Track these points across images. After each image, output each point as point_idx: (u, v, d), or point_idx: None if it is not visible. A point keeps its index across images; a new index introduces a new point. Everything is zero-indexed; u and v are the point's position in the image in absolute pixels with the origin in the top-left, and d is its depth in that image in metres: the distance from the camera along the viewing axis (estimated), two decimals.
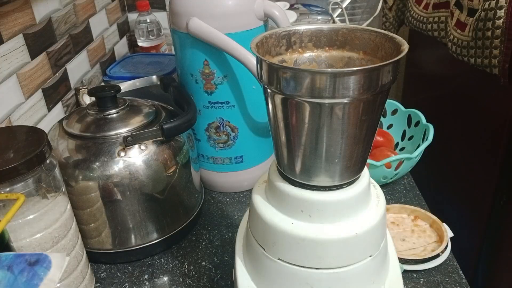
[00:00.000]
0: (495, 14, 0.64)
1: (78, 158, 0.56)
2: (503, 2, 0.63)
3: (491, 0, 0.65)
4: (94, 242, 0.60)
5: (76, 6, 0.87)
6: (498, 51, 0.65)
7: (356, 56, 0.40)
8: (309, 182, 0.39)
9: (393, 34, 0.37)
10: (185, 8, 0.63)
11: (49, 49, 0.76)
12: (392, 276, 0.44)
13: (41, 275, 0.31)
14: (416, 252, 0.61)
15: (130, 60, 0.99)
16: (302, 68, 0.33)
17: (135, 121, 0.60)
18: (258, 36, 0.38)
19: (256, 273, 0.43)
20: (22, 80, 0.67)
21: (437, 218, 0.65)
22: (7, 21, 0.64)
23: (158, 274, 0.61)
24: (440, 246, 0.60)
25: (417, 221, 0.66)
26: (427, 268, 0.58)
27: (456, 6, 0.74)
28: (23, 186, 0.45)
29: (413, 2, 0.91)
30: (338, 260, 0.39)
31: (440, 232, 0.63)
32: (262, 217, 0.41)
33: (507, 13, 0.63)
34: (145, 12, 1.10)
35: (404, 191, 0.75)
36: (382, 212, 0.41)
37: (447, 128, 0.84)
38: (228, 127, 0.70)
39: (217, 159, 0.73)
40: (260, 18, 0.65)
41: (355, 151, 0.37)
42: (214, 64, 0.65)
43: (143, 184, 0.58)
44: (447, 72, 0.87)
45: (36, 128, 0.50)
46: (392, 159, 0.69)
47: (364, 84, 0.32)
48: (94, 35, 0.96)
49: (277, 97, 0.36)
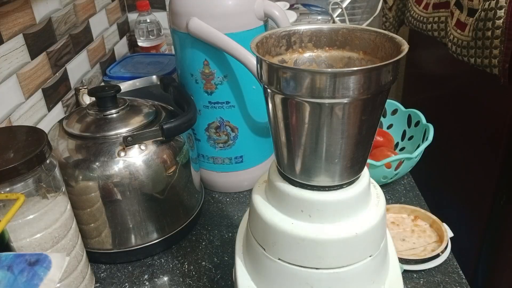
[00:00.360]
0: (495, 14, 0.64)
1: (78, 158, 0.56)
2: (503, 2, 0.63)
3: (491, 0, 0.65)
4: (94, 242, 0.60)
5: (76, 6, 0.87)
6: (498, 51, 0.65)
7: (356, 56, 0.40)
8: (309, 182, 0.39)
9: (393, 34, 0.37)
10: (185, 8, 0.63)
11: (49, 49, 0.76)
12: (392, 276, 0.44)
13: (41, 275, 0.31)
14: (416, 252, 0.61)
15: (130, 60, 0.99)
16: (302, 68, 0.33)
17: (135, 121, 0.60)
18: (258, 36, 0.38)
19: (256, 273, 0.43)
20: (22, 80, 0.67)
21: (437, 218, 0.65)
22: (7, 21, 0.64)
23: (158, 274, 0.61)
24: (440, 246, 0.60)
25: (417, 221, 0.66)
26: (427, 268, 0.58)
27: (456, 6, 0.74)
28: (23, 186, 0.45)
29: (413, 2, 0.91)
30: (338, 260, 0.39)
31: (440, 232, 0.63)
32: (262, 217, 0.41)
33: (507, 13, 0.63)
34: (145, 12, 1.10)
35: (404, 191, 0.75)
36: (382, 212, 0.41)
37: (447, 128, 0.84)
38: (228, 127, 0.70)
39: (217, 159, 0.73)
40: (260, 18, 0.65)
41: (355, 151, 0.37)
42: (214, 64, 0.65)
43: (143, 184, 0.58)
44: (447, 72, 0.87)
45: (36, 128, 0.50)
46: (392, 159, 0.69)
47: (364, 84, 0.32)
48: (94, 35, 0.96)
49: (277, 97, 0.36)
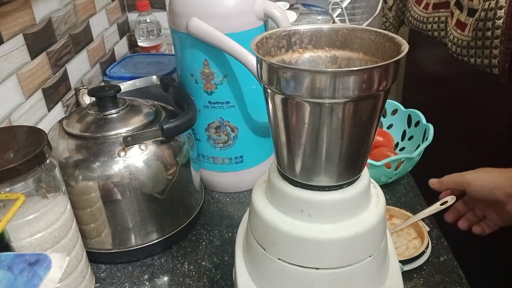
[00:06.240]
0: (495, 14, 0.64)
1: (78, 158, 0.56)
2: (503, 2, 0.63)
3: (491, 0, 0.65)
4: (94, 242, 0.60)
5: (76, 6, 0.87)
6: (498, 51, 0.65)
7: (356, 56, 0.40)
8: (309, 182, 0.39)
9: (393, 34, 0.37)
10: (185, 8, 0.63)
11: (49, 49, 0.76)
12: (392, 276, 0.44)
13: (41, 275, 0.31)
14: (400, 251, 0.60)
15: (130, 60, 0.99)
16: (302, 68, 0.33)
17: (135, 121, 0.60)
18: (258, 36, 0.38)
19: (256, 273, 0.43)
20: (22, 80, 0.67)
21: (411, 214, 0.65)
22: (7, 21, 0.64)
23: (158, 274, 0.61)
24: (422, 242, 0.60)
25: (392, 220, 0.66)
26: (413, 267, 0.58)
27: (456, 6, 0.74)
28: (23, 186, 0.45)
29: (413, 2, 0.91)
30: (338, 260, 0.39)
31: (417, 228, 0.63)
32: (262, 217, 0.41)
33: (507, 13, 0.63)
34: (145, 12, 1.10)
35: (404, 191, 0.75)
36: (382, 212, 0.41)
37: (447, 128, 0.84)
38: (228, 127, 0.70)
39: (217, 159, 0.73)
40: (260, 18, 0.65)
41: (355, 151, 0.37)
42: (214, 64, 0.65)
43: (143, 184, 0.58)
44: (447, 72, 0.87)
45: (36, 128, 0.50)
46: (392, 159, 0.69)
47: (364, 84, 0.32)
48: (94, 35, 0.96)
49: (277, 97, 0.36)
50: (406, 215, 0.65)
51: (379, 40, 0.38)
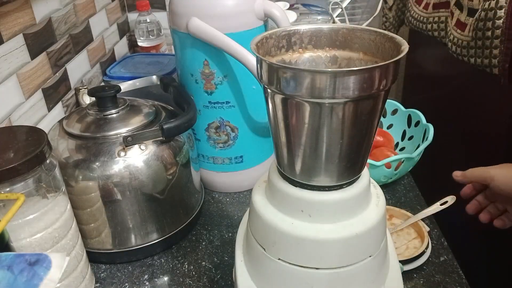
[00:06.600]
0: (495, 14, 0.64)
1: (78, 158, 0.56)
2: (503, 2, 0.63)
3: (491, 0, 0.65)
4: (94, 242, 0.60)
5: (76, 6, 0.87)
6: (498, 51, 0.65)
7: (356, 56, 0.40)
8: (309, 182, 0.39)
9: (393, 34, 0.37)
10: (185, 8, 0.63)
11: (49, 49, 0.76)
12: (392, 276, 0.44)
13: (41, 275, 0.31)
14: (400, 251, 0.60)
15: (130, 60, 0.99)
16: (302, 68, 0.33)
17: (135, 121, 0.60)
18: (258, 36, 0.38)
19: (256, 273, 0.43)
20: (22, 80, 0.67)
21: (411, 214, 0.65)
22: (7, 21, 0.64)
23: (158, 274, 0.61)
24: (423, 242, 0.60)
25: (392, 220, 0.66)
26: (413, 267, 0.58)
27: (456, 6, 0.74)
28: (23, 186, 0.45)
29: (413, 2, 0.91)
30: (338, 260, 0.39)
31: (417, 228, 0.63)
32: (262, 217, 0.41)
33: (507, 13, 0.63)
34: (145, 12, 1.10)
35: (404, 191, 0.75)
36: (382, 212, 0.41)
37: (447, 128, 0.84)
38: (228, 127, 0.70)
39: (217, 159, 0.73)
40: (260, 18, 0.65)
41: (355, 151, 0.37)
42: (214, 64, 0.65)
43: (143, 184, 0.58)
44: (447, 72, 0.87)
45: (36, 128, 0.50)
46: (392, 159, 0.69)
47: (364, 84, 0.32)
48: (94, 35, 0.96)
49: (277, 97, 0.36)
50: (406, 215, 0.65)
51: (379, 40, 0.38)
